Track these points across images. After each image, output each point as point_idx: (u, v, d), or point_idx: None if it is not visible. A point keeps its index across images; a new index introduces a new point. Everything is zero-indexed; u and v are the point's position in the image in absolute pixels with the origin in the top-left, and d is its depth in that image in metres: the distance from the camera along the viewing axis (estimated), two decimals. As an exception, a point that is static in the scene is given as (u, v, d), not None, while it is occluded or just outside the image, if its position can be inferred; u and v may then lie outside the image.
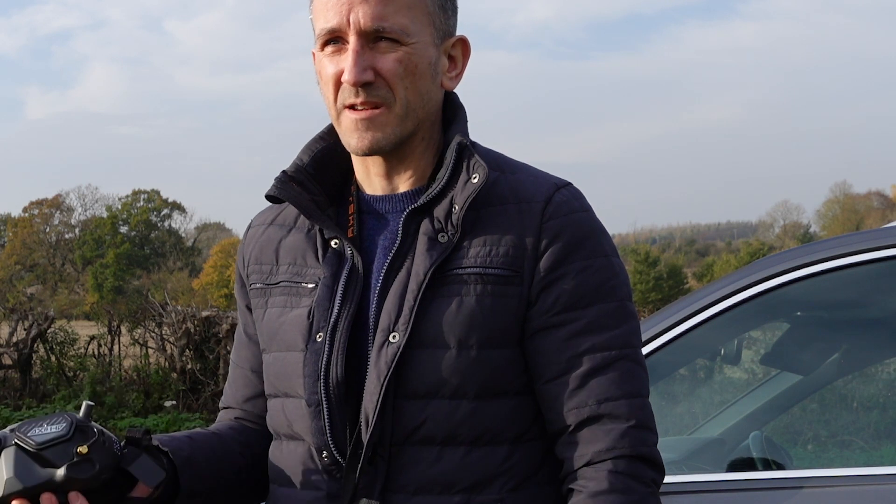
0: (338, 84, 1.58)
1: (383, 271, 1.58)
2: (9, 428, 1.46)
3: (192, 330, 12.70)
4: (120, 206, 65.17)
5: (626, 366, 1.54)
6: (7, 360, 13.43)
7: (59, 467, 1.42)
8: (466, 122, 1.63)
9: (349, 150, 1.62)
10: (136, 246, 63.63)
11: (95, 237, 62.49)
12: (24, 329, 13.42)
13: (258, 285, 1.71)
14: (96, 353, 13.44)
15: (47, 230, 64.21)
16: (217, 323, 12.79)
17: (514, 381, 1.56)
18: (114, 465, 1.47)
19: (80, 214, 65.44)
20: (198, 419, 11.75)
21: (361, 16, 1.54)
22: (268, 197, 1.67)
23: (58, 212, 64.85)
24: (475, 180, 1.55)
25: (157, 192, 66.18)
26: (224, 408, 1.82)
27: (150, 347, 13.17)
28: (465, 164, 1.57)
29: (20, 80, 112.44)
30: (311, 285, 1.63)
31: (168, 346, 12.99)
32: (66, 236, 64.36)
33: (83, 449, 1.43)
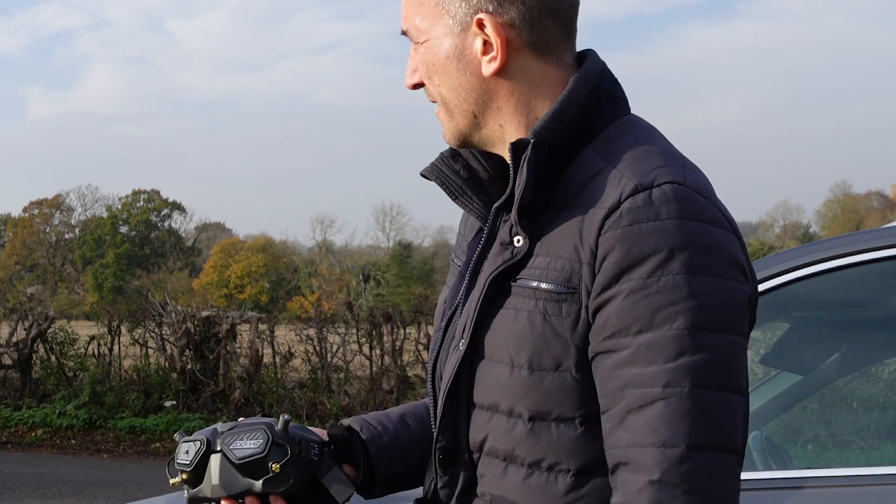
0: None
1: (470, 269, 1.53)
2: (221, 427, 1.59)
3: (192, 330, 12.70)
4: (120, 206, 65.17)
5: (668, 409, 1.30)
6: (7, 360, 13.42)
7: (257, 479, 1.55)
8: (562, 106, 1.44)
9: None
10: (136, 246, 63.62)
11: (95, 237, 62.48)
12: (24, 329, 13.41)
13: (451, 256, 1.67)
14: (96, 353, 13.43)
15: (47, 230, 64.21)
16: (217, 323, 12.78)
17: (579, 409, 1.39)
18: (309, 474, 1.58)
19: (80, 214, 65.47)
20: (198, 419, 11.75)
21: (401, 19, 1.53)
22: (422, 175, 1.59)
23: (58, 212, 64.85)
24: (522, 186, 1.42)
25: (157, 192, 66.17)
26: None
27: (150, 347, 13.16)
28: (520, 165, 1.43)
29: (22, 80, 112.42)
30: (461, 265, 1.58)
31: (168, 346, 12.98)
32: (66, 236, 64.36)
33: (276, 467, 1.54)
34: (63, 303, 42.88)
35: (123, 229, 64.35)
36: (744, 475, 2.72)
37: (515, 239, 1.44)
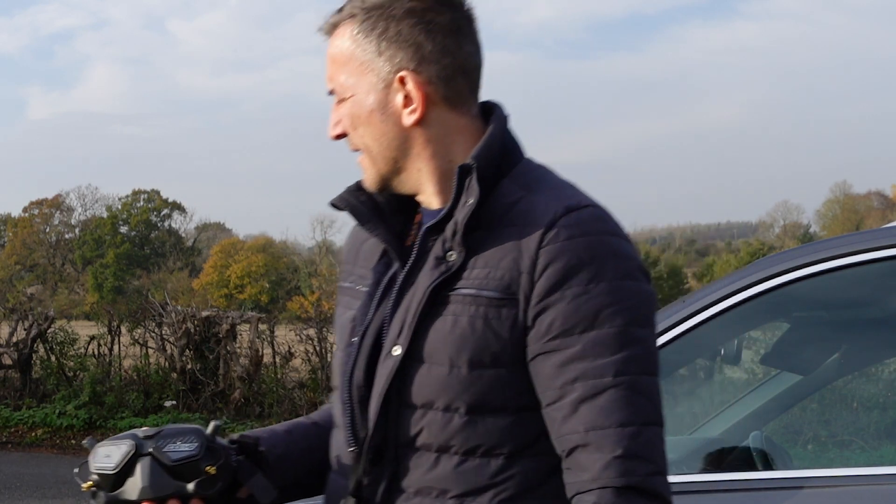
0: None
1: (398, 284, 1.69)
2: (141, 433, 1.65)
3: (192, 330, 12.70)
4: (120, 206, 65.17)
5: (619, 394, 1.53)
6: (7, 360, 13.42)
7: (188, 482, 1.62)
8: (488, 142, 1.66)
9: None
10: (136, 246, 63.61)
11: (95, 237, 62.49)
12: (24, 329, 13.41)
13: (340, 283, 1.85)
14: (96, 353, 13.43)
15: (47, 230, 64.22)
16: (217, 323, 12.78)
17: (511, 400, 1.60)
18: (232, 477, 1.67)
19: (80, 214, 65.48)
20: (198, 419, 11.75)
21: (326, 79, 1.72)
22: (330, 205, 1.78)
23: (58, 212, 64.86)
24: (470, 202, 1.60)
25: (157, 192, 66.17)
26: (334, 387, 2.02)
27: (150, 347, 13.16)
28: (465, 186, 1.62)
29: (22, 79, 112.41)
30: (365, 289, 1.75)
31: (168, 346, 12.98)
32: (66, 236, 64.38)
33: (212, 470, 1.62)
34: (63, 303, 42.88)
35: (123, 229, 64.34)
36: (744, 475, 2.73)
37: (448, 254, 1.62)
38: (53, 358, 13.35)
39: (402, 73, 1.64)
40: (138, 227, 64.45)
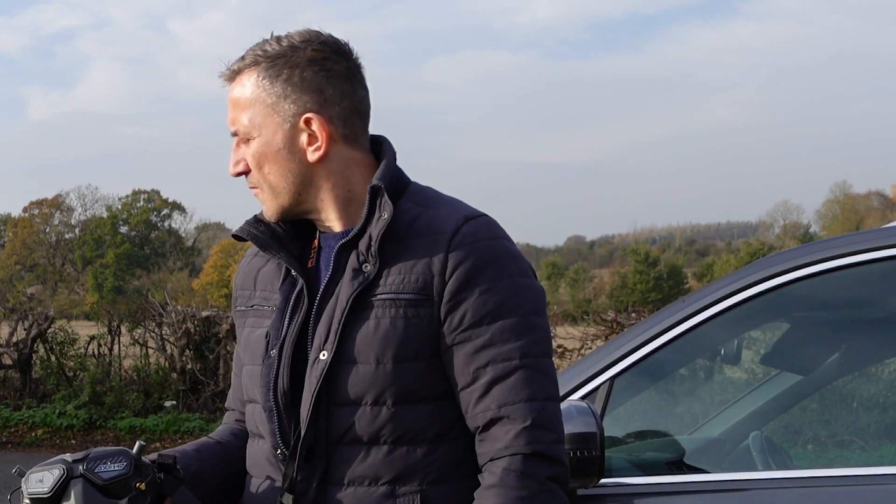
0: None
1: (318, 298, 1.85)
2: (70, 457, 1.74)
3: (192, 330, 12.69)
4: (120, 206, 65.21)
5: (525, 374, 1.76)
6: (7, 360, 13.41)
7: (120, 498, 1.72)
8: (388, 167, 1.86)
9: None
10: (136, 246, 63.64)
11: (95, 237, 62.52)
12: (24, 329, 13.40)
13: (241, 308, 2.01)
14: (96, 353, 13.42)
15: (47, 230, 64.26)
16: (217, 323, 12.78)
17: (431, 389, 1.80)
18: (157, 492, 1.78)
19: (80, 214, 65.52)
20: (198, 419, 11.76)
21: (228, 122, 1.88)
22: (233, 236, 1.98)
23: (58, 212, 64.89)
24: (385, 216, 1.79)
25: (157, 192, 66.21)
26: (228, 409, 2.14)
27: (150, 347, 13.16)
28: (377, 204, 1.82)
29: (23, 79, 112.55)
30: (273, 308, 1.91)
31: (168, 346, 12.98)
32: (66, 236, 64.41)
33: (142, 486, 1.73)
34: (63, 303, 42.89)
35: (123, 229, 64.38)
36: (744, 475, 2.72)
37: (364, 265, 1.80)
38: (53, 358, 13.34)
39: (308, 115, 1.83)
40: (138, 227, 64.48)
